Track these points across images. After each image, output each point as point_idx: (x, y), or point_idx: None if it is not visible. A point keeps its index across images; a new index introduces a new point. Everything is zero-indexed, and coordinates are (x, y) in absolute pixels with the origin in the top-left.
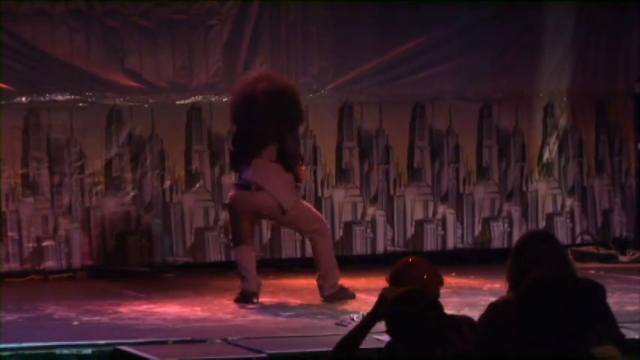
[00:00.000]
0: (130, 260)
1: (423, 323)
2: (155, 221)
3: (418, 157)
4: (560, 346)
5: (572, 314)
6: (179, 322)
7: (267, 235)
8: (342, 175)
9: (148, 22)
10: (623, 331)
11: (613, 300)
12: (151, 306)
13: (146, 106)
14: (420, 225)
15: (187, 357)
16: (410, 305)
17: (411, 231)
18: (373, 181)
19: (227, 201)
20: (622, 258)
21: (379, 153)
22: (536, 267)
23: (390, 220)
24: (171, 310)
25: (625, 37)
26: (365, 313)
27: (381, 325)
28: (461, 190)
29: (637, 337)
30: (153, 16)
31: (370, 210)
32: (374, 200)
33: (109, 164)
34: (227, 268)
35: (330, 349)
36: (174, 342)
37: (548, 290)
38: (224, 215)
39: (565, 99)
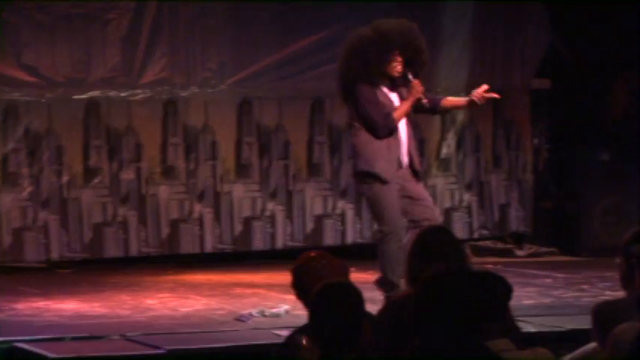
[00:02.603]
0: (26, 256)
1: (344, 317)
2: (53, 217)
3: (317, 153)
4: (456, 341)
5: (466, 310)
6: (76, 319)
7: (165, 230)
8: (242, 170)
9: (45, 16)
10: (520, 324)
11: None
12: (48, 302)
13: (43, 100)
14: (319, 220)
15: (85, 354)
16: (334, 299)
17: (310, 226)
18: (272, 177)
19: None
20: (519, 252)
21: (278, 148)
22: (433, 262)
23: (289, 215)
24: (68, 306)
25: (522, 34)
26: (265, 310)
27: (280, 321)
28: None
29: (533, 330)
30: (50, 10)
31: (269, 205)
32: (273, 195)
33: (5, 160)
34: (125, 264)
35: (230, 344)
36: (72, 338)
37: (443, 286)
38: (122, 211)
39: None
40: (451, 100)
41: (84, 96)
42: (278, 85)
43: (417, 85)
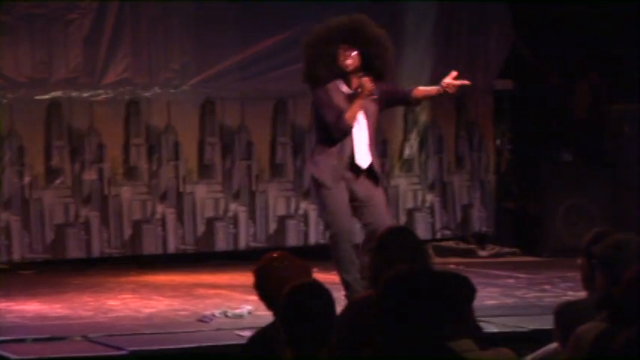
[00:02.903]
0: None
1: (317, 317)
2: (14, 218)
3: (280, 153)
4: (418, 341)
5: (428, 310)
6: (38, 320)
7: (127, 231)
8: (204, 171)
9: (7, 17)
10: (482, 325)
11: None
12: (10, 304)
13: (4, 101)
14: (282, 221)
15: (47, 355)
16: (302, 298)
17: (273, 227)
18: (235, 177)
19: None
20: (481, 253)
21: (241, 149)
22: (395, 262)
23: (252, 215)
24: (30, 307)
25: (485, 35)
26: (227, 310)
27: (244, 321)
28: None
29: (496, 330)
30: (11, 10)
31: (232, 206)
32: (236, 196)
33: None
34: (88, 265)
35: (192, 345)
36: (34, 340)
37: (405, 286)
38: (84, 211)
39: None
40: (422, 89)
41: (46, 96)
42: (241, 86)
43: (366, 82)
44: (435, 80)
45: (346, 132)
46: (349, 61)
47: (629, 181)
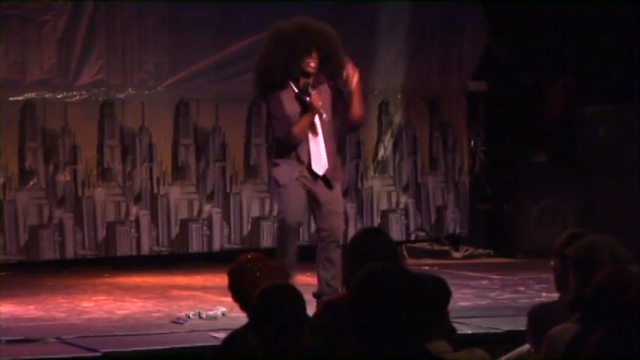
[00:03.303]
0: None
1: (288, 319)
2: None
3: (254, 155)
4: (392, 341)
5: (402, 309)
6: (12, 322)
7: (101, 232)
8: (178, 172)
9: None
10: (456, 326)
11: None
12: None
13: None
14: (256, 222)
15: (20, 357)
16: (276, 300)
17: (247, 228)
18: (209, 179)
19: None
20: (455, 254)
21: (215, 150)
22: (367, 263)
23: (226, 217)
24: (3, 309)
25: (458, 36)
26: (201, 312)
27: (217, 323)
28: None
29: (470, 332)
30: None
31: (206, 207)
32: (210, 197)
33: None
34: (61, 267)
35: (167, 347)
36: (7, 342)
37: (378, 284)
38: (58, 213)
39: (399, 97)
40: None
41: (19, 98)
42: (215, 87)
43: (314, 100)
44: (409, 81)
45: (294, 146)
46: (313, 64)
47: (602, 183)
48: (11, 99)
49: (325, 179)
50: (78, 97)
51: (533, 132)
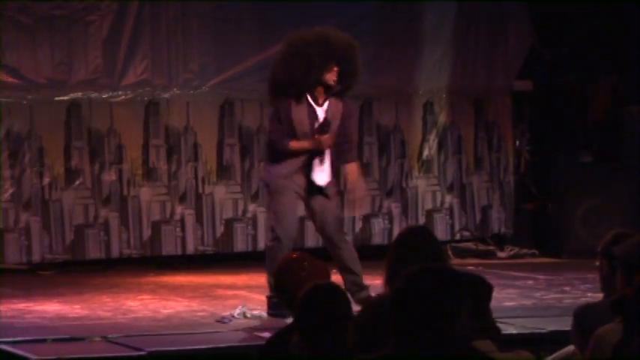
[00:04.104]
0: (7, 258)
1: (334, 318)
2: (34, 219)
3: None
4: (434, 342)
5: (443, 308)
6: (58, 320)
7: (146, 232)
8: (223, 172)
9: (26, 18)
10: (501, 326)
11: None
12: (30, 304)
13: (24, 102)
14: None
15: (66, 355)
16: (320, 300)
17: None
18: (254, 178)
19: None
20: (500, 254)
21: (260, 150)
22: (412, 263)
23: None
24: (50, 308)
25: (503, 36)
26: (246, 311)
27: (261, 322)
28: (342, 188)
29: (514, 332)
30: (31, 11)
31: (251, 207)
32: (255, 197)
33: None
34: (107, 266)
35: (211, 346)
36: (53, 340)
37: (419, 284)
38: (103, 212)
39: (444, 96)
40: (347, 172)
41: (65, 98)
42: (260, 87)
43: (325, 140)
44: (454, 81)
45: (282, 152)
46: (334, 78)
47: None
48: (57, 99)
49: (320, 189)
50: (123, 97)
51: (578, 131)
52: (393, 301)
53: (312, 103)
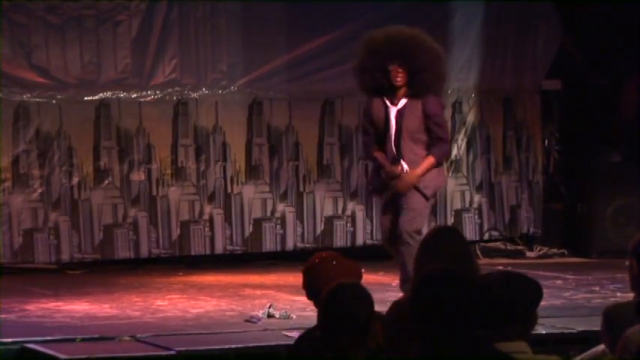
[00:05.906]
0: (37, 257)
1: (354, 318)
2: (63, 218)
3: (327, 154)
4: (452, 343)
5: (461, 309)
6: (87, 320)
7: (175, 231)
8: (252, 171)
9: (56, 18)
10: None
11: None
12: (59, 303)
13: (54, 102)
14: (329, 221)
15: (95, 355)
16: (341, 299)
17: (320, 227)
18: (283, 178)
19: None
20: (529, 254)
21: (289, 149)
22: (439, 262)
23: (299, 216)
24: (79, 307)
25: (532, 35)
26: (274, 311)
27: (290, 322)
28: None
29: (544, 332)
30: (60, 11)
31: (280, 206)
32: (283, 197)
33: (16, 161)
34: (136, 265)
35: (240, 346)
36: (82, 339)
37: (432, 288)
38: (132, 212)
39: (473, 96)
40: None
41: (94, 97)
42: (288, 87)
43: (395, 185)
44: (483, 80)
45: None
46: (398, 78)
47: None
48: (86, 99)
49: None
50: (152, 97)
51: (608, 131)
52: (410, 304)
53: (388, 103)
